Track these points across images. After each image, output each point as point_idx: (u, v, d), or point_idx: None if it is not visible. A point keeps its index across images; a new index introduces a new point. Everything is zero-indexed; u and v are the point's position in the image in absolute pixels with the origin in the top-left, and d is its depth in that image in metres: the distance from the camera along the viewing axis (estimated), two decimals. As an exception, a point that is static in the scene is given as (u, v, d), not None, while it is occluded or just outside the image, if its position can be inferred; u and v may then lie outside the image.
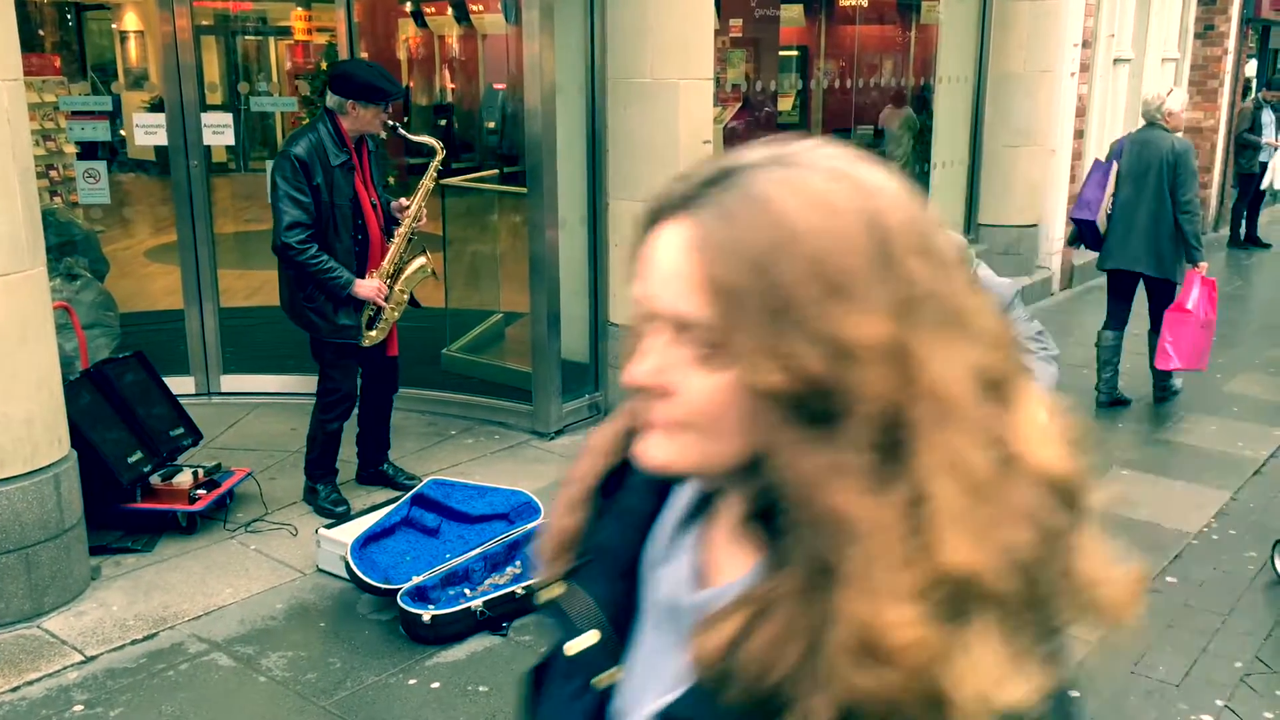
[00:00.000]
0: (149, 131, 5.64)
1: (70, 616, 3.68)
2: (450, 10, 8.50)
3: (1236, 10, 11.89)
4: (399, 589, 3.64)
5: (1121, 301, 6.16)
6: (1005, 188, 8.71)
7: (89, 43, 8.06)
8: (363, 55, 6.19)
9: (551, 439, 5.41)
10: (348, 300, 4.27)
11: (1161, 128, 5.94)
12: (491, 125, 8.07)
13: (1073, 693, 0.75)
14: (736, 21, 7.48)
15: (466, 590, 3.79)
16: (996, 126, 8.68)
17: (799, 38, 8.26)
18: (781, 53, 8.13)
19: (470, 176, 7.27)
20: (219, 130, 5.69)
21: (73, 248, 5.62)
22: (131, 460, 4.25)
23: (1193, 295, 5.76)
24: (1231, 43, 11.92)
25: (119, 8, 7.94)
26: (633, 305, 0.77)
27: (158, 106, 5.77)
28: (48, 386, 3.65)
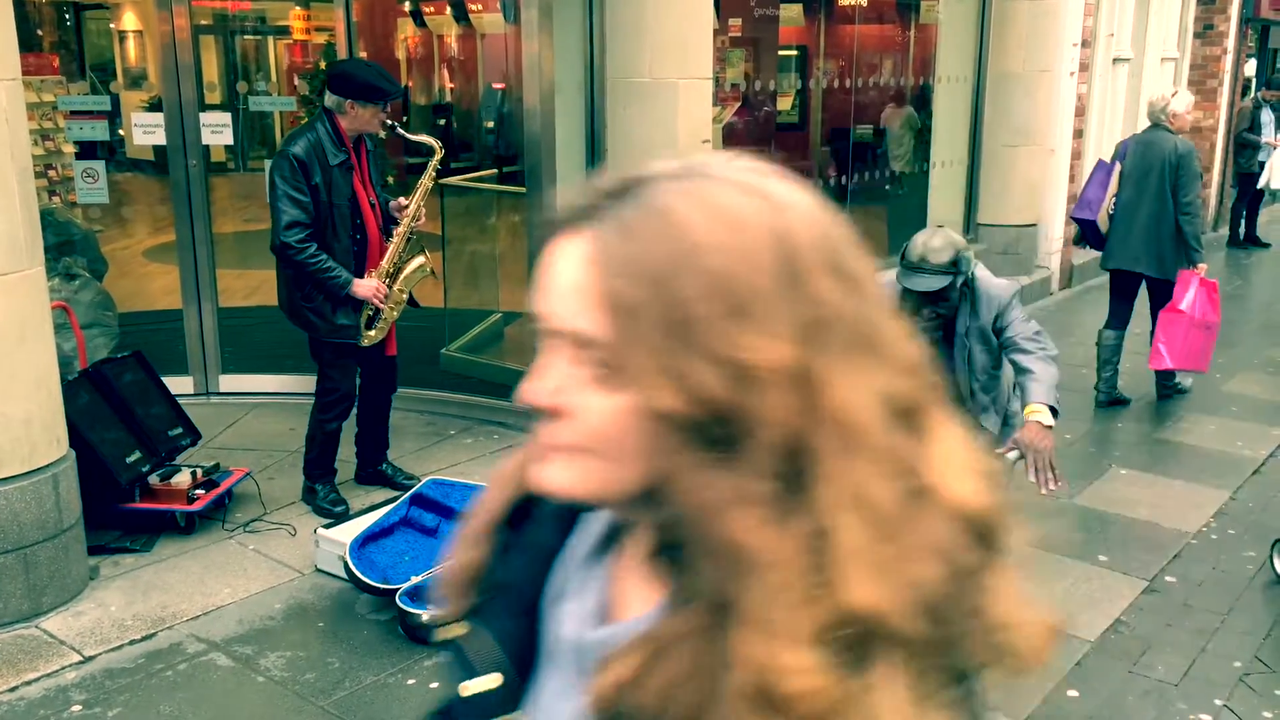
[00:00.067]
0: (147, 131, 5.64)
1: (68, 616, 3.68)
2: (449, 10, 8.50)
3: (1236, 10, 11.89)
4: (398, 589, 3.64)
5: (1123, 301, 6.17)
6: (1004, 187, 8.71)
7: (88, 42, 8.05)
8: (361, 55, 6.18)
9: (550, 439, 5.40)
10: (346, 300, 4.27)
11: (1166, 129, 5.95)
12: (490, 125, 8.06)
13: None
14: (736, 21, 7.47)
15: (465, 590, 3.78)
16: (996, 126, 8.68)
17: (798, 37, 8.25)
18: (781, 52, 8.13)
19: (469, 176, 7.27)
20: (218, 130, 5.69)
21: (71, 247, 5.61)
22: (130, 460, 4.25)
23: (1188, 296, 5.76)
24: (1231, 42, 11.92)
25: (117, 7, 7.94)
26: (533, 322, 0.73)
27: (156, 106, 5.76)
28: (46, 386, 3.64)
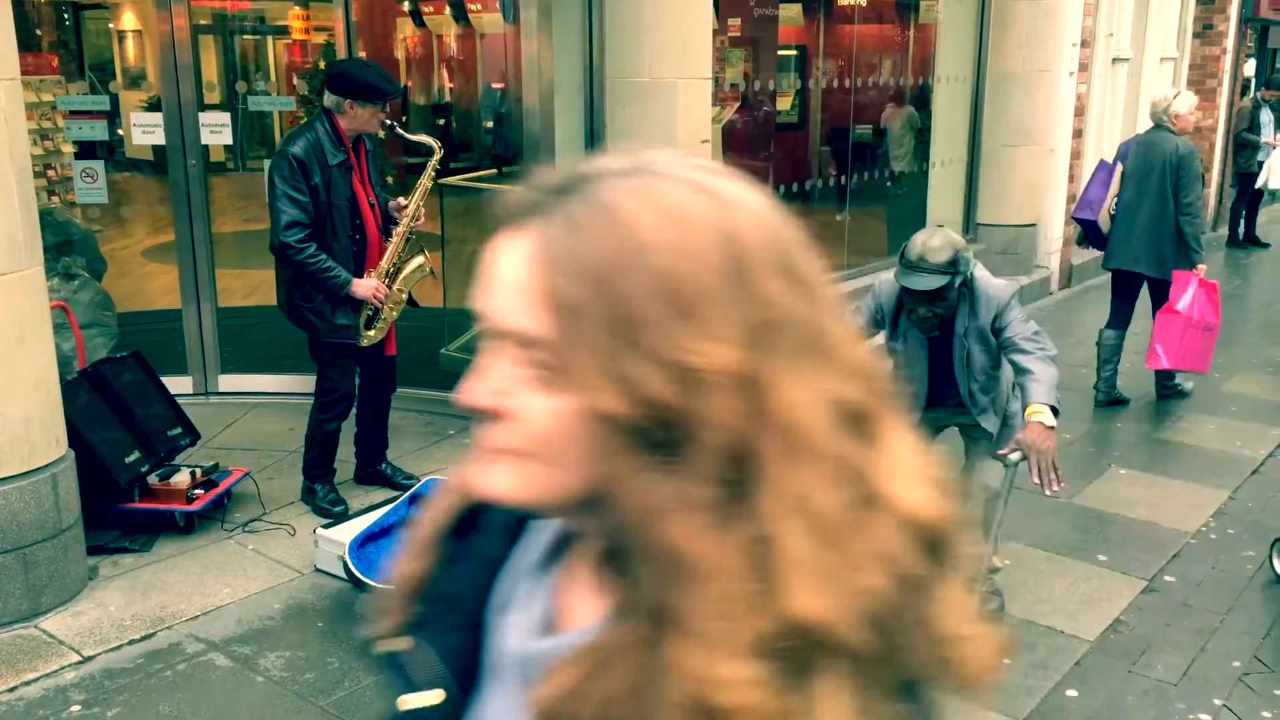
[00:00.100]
0: (147, 131, 5.63)
1: (68, 616, 3.68)
2: (448, 9, 8.49)
3: (1235, 9, 11.90)
4: (397, 589, 3.63)
5: (1124, 301, 6.17)
6: (1004, 187, 8.71)
7: (87, 42, 8.05)
8: (361, 54, 6.18)
9: (550, 438, 5.40)
10: (346, 300, 4.27)
11: (1168, 130, 5.95)
12: (490, 125, 8.05)
13: None
14: (735, 21, 7.47)
15: (464, 590, 3.78)
16: (995, 126, 8.68)
17: (797, 37, 8.25)
18: (780, 52, 8.12)
19: (468, 176, 7.26)
20: (217, 130, 5.69)
21: (70, 247, 5.61)
22: (129, 460, 4.25)
23: (1185, 297, 5.75)
24: (1230, 42, 11.93)
25: (117, 7, 7.93)
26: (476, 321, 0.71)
27: (155, 106, 5.76)
28: (45, 386, 3.64)
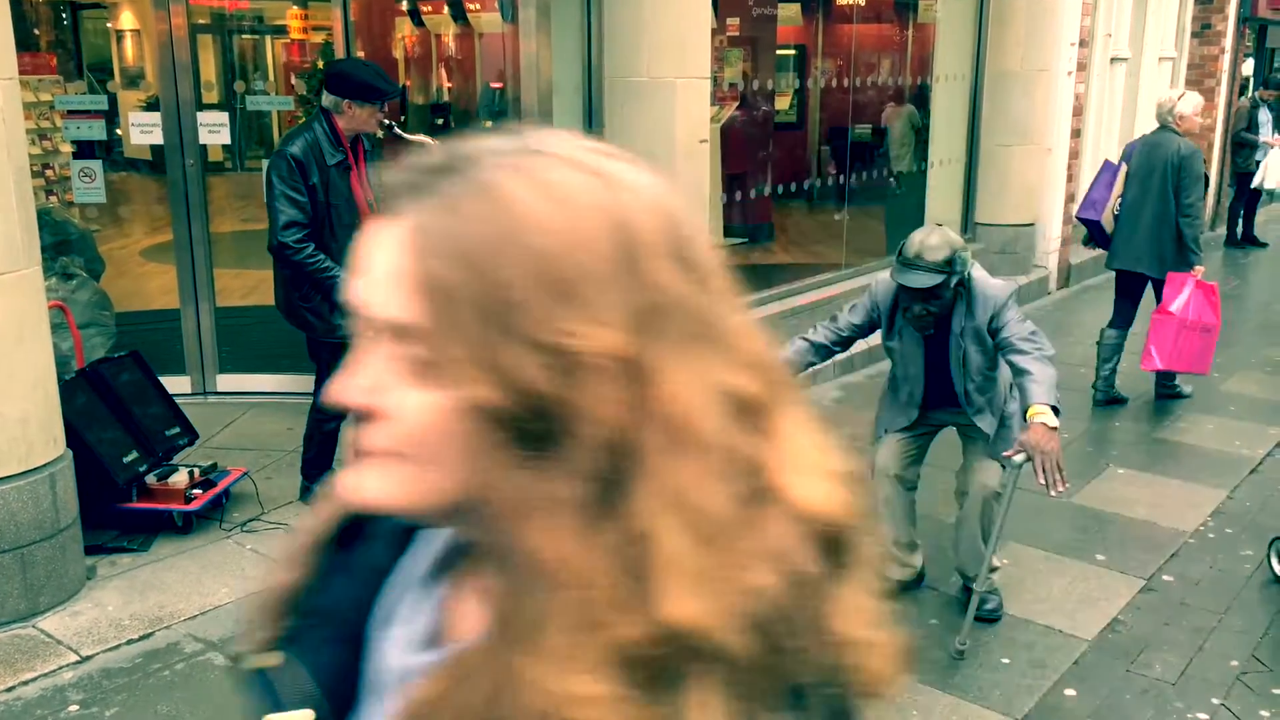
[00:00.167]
0: (145, 130, 5.63)
1: (66, 616, 3.68)
2: (447, 9, 8.49)
3: (1233, 9, 11.91)
4: (395, 589, 3.63)
5: (1127, 301, 6.17)
6: (1002, 186, 8.71)
7: (85, 42, 8.03)
8: (359, 54, 6.18)
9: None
10: (344, 300, 4.26)
11: (1173, 131, 5.94)
12: (488, 124, 8.06)
13: None
14: (734, 20, 7.47)
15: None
16: (993, 125, 8.68)
17: (796, 36, 8.25)
18: (779, 51, 8.12)
19: (467, 176, 7.25)
20: (215, 129, 5.68)
21: (68, 247, 5.60)
22: (127, 460, 4.25)
23: (1180, 298, 5.74)
24: (1228, 41, 11.94)
25: (115, 7, 7.92)
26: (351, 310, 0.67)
27: (154, 105, 5.76)
28: (43, 386, 3.64)
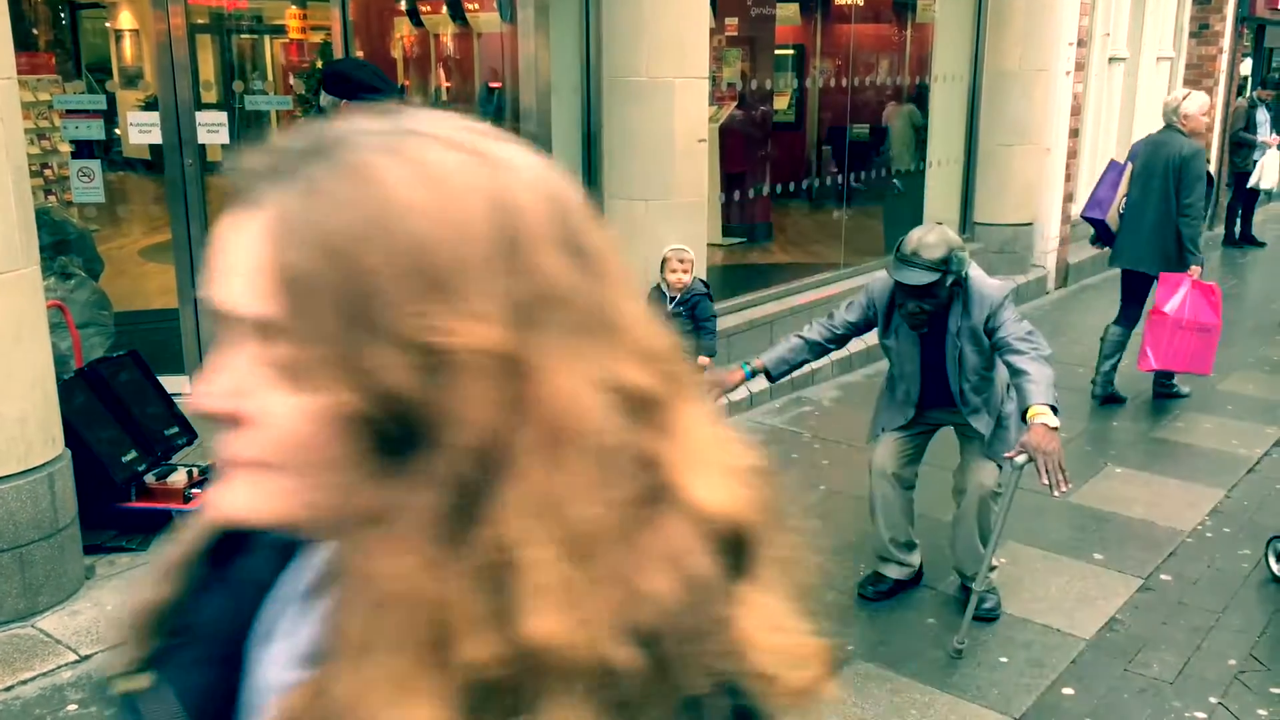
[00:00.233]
0: (143, 130, 5.62)
1: (64, 616, 3.67)
2: (445, 9, 8.49)
3: (1231, 9, 11.92)
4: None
5: (1133, 300, 6.16)
6: (1000, 186, 8.72)
7: (83, 41, 8.04)
8: (358, 54, 6.18)
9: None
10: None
11: (1178, 130, 5.94)
12: (487, 124, 8.05)
13: None
14: (732, 20, 7.48)
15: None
16: (992, 125, 8.69)
17: (795, 36, 8.26)
18: (777, 51, 8.13)
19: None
20: (214, 129, 5.68)
21: (67, 246, 5.60)
22: (126, 459, 4.25)
23: (1174, 299, 5.73)
24: (1226, 41, 11.95)
25: (113, 6, 7.92)
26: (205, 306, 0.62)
27: (152, 105, 5.75)
28: (42, 386, 3.64)
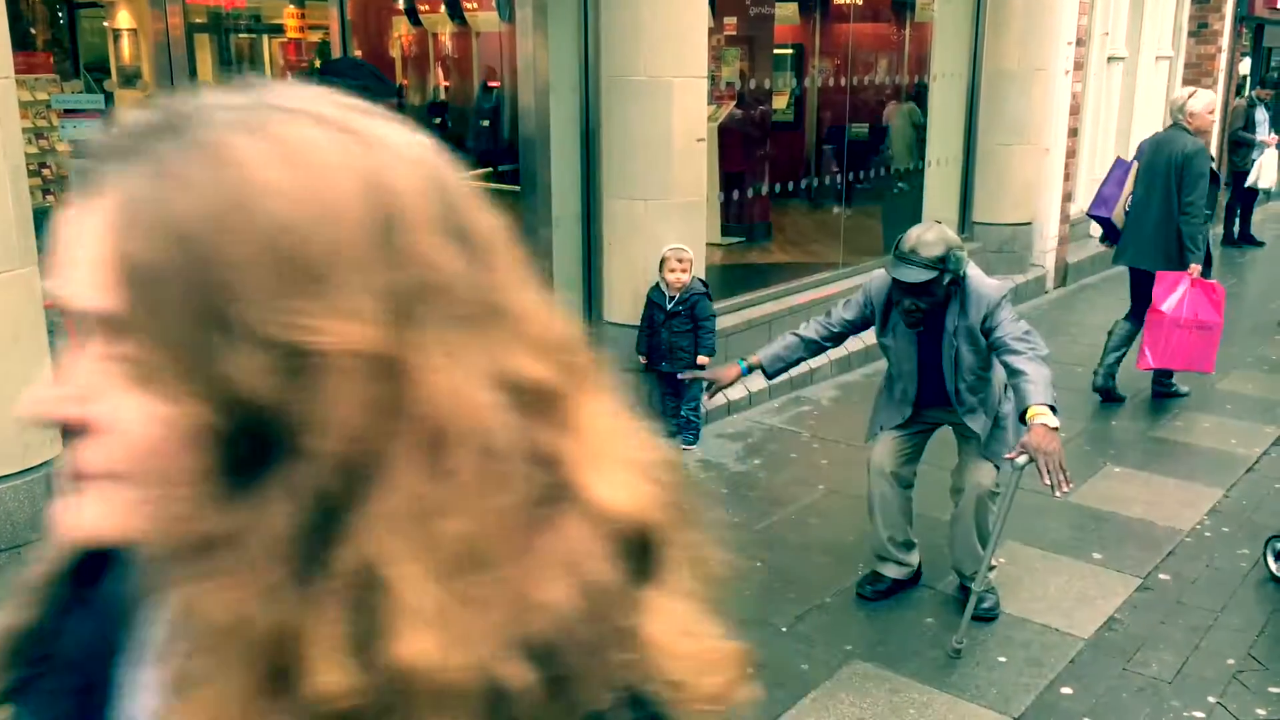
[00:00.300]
0: (142, 130, 5.62)
1: (63, 616, 3.67)
2: (444, 8, 8.50)
3: (1230, 8, 11.93)
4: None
5: (1141, 298, 6.14)
6: (999, 186, 8.71)
7: (81, 41, 8.03)
8: (356, 53, 6.17)
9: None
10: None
11: (1183, 129, 5.93)
12: (485, 124, 8.06)
13: None
14: (731, 19, 7.48)
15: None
16: (991, 124, 8.68)
17: (793, 35, 8.25)
18: (776, 50, 8.13)
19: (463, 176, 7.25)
20: (212, 128, 5.68)
21: (65, 246, 5.60)
22: (124, 459, 4.24)
23: (1173, 297, 5.72)
24: (1225, 40, 11.96)
25: (111, 5, 7.91)
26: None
27: (150, 105, 5.75)
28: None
